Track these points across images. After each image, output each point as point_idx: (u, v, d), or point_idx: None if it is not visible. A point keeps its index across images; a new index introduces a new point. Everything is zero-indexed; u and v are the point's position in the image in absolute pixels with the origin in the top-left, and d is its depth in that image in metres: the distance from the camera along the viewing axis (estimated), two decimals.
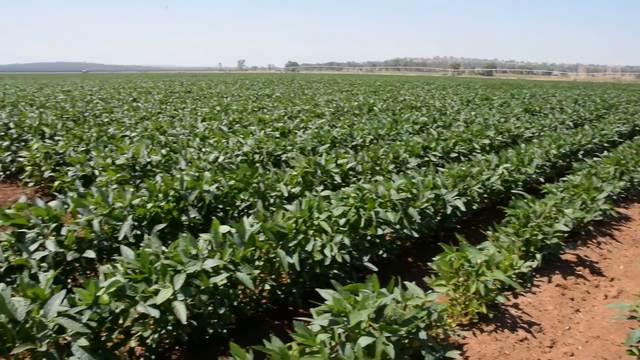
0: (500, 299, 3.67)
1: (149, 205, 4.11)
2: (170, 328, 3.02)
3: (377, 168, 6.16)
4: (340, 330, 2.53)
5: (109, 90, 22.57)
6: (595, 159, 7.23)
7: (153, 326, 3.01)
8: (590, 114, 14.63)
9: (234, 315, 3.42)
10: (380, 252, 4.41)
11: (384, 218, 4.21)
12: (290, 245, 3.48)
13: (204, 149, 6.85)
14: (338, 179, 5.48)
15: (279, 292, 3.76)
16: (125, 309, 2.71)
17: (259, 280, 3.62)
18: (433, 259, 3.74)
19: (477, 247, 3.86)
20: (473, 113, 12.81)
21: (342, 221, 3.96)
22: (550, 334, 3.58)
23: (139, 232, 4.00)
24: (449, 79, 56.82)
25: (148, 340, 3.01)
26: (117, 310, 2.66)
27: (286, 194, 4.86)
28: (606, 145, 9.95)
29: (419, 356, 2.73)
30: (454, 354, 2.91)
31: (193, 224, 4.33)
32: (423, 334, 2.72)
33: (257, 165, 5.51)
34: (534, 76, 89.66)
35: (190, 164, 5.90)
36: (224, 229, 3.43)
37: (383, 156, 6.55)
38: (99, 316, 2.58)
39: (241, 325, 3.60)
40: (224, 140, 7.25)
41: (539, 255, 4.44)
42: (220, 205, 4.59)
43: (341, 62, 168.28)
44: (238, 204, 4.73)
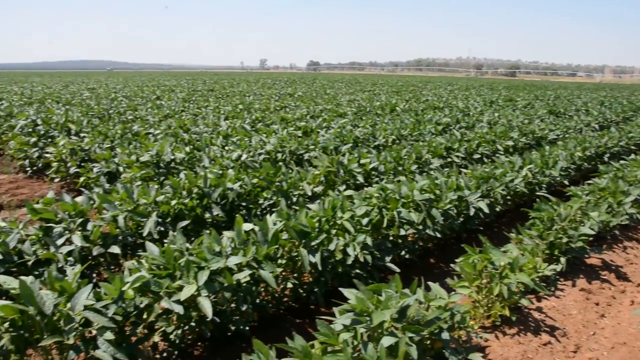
0: (523, 302, 3.63)
1: (173, 202, 4.15)
2: (193, 324, 3.05)
3: (400, 168, 6.14)
4: (362, 329, 2.52)
5: (132, 88, 22.83)
6: (622, 162, 7.10)
7: (176, 322, 3.03)
8: (617, 116, 14.39)
9: (256, 313, 3.44)
10: (402, 253, 4.39)
11: (407, 218, 4.19)
12: (312, 244, 3.49)
13: (226, 147, 6.89)
14: (360, 179, 5.47)
15: (301, 291, 3.77)
16: (150, 304, 2.73)
17: (281, 278, 3.64)
18: (456, 260, 3.72)
19: (501, 250, 3.83)
20: (496, 114, 12.70)
21: (365, 221, 3.95)
22: (574, 338, 3.53)
23: (163, 229, 4.04)
24: (471, 79, 56.36)
25: (171, 336, 3.04)
26: (142, 305, 2.69)
27: (309, 193, 4.86)
28: (633, 148, 9.79)
29: (441, 357, 2.71)
30: (476, 357, 2.89)
31: (216, 222, 4.36)
32: (446, 335, 2.71)
33: (280, 164, 5.52)
34: (559, 77, 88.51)
35: (213, 162, 5.94)
36: (247, 226, 3.45)
37: (406, 156, 6.52)
38: (124, 311, 2.61)
39: (263, 323, 3.61)
40: (246, 139, 7.28)
41: (563, 259, 4.38)
42: (243, 203, 4.61)
43: (363, 62, 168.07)
44: (261, 202, 4.75)
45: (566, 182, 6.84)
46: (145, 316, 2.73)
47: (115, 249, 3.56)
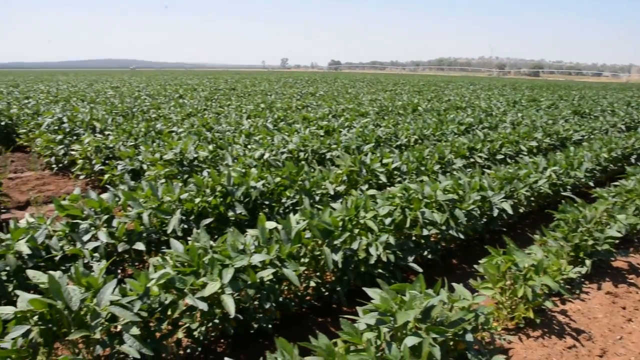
0: (547, 305, 3.58)
1: (197, 200, 4.18)
2: (216, 321, 3.07)
3: (422, 168, 6.11)
4: (385, 329, 2.52)
5: (155, 87, 23.04)
6: None
7: (200, 319, 3.06)
8: None
9: (278, 311, 3.45)
10: (425, 253, 4.37)
11: (430, 219, 4.17)
12: (335, 243, 3.49)
13: (249, 146, 6.93)
14: (383, 179, 5.46)
15: (323, 290, 3.78)
16: (174, 300, 2.76)
17: (303, 277, 3.65)
18: (479, 261, 3.69)
19: (524, 251, 3.79)
20: (520, 114, 12.55)
21: (388, 220, 3.94)
22: (600, 342, 3.48)
23: (187, 226, 4.07)
24: (494, 79, 55.82)
25: (195, 332, 3.07)
26: (167, 302, 2.72)
27: (332, 192, 4.87)
28: None
29: (464, 359, 2.69)
30: (499, 359, 2.86)
31: (239, 220, 4.38)
32: (470, 337, 2.69)
33: (302, 163, 5.53)
34: (583, 77, 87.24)
35: (236, 161, 5.97)
36: (271, 225, 3.46)
37: (428, 156, 6.49)
38: (149, 307, 2.64)
39: (285, 321, 3.62)
40: (269, 138, 7.31)
41: (588, 262, 4.32)
42: (266, 202, 4.63)
43: (384, 62, 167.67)
44: (283, 200, 4.77)
45: (591, 184, 6.74)
46: (169, 312, 2.75)
47: (140, 246, 3.60)
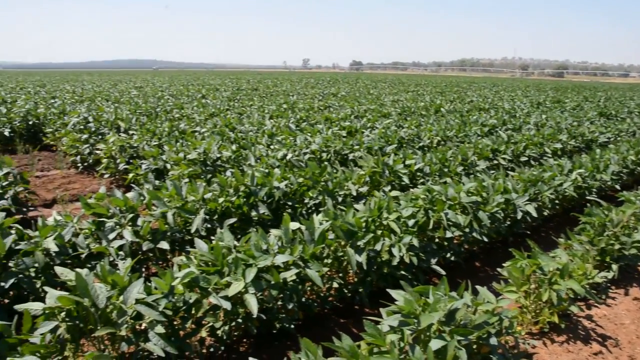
0: (573, 309, 3.54)
1: (220, 200, 4.20)
2: (240, 320, 3.09)
3: (445, 170, 6.07)
4: (408, 331, 2.50)
5: (178, 87, 23.24)
6: None
7: (223, 318, 3.07)
8: None
9: (301, 312, 3.45)
10: (448, 255, 4.34)
11: (454, 220, 4.14)
12: (359, 244, 3.48)
13: (272, 146, 6.95)
14: (406, 180, 5.43)
15: (346, 291, 3.77)
16: (199, 299, 2.78)
17: (326, 278, 3.65)
18: (503, 264, 3.66)
19: (549, 255, 3.74)
20: (544, 116, 12.42)
21: (411, 222, 3.92)
22: (627, 349, 3.41)
23: (210, 226, 4.10)
24: (517, 80, 55.28)
25: (218, 331, 3.08)
26: (191, 301, 2.74)
27: (354, 193, 4.86)
28: None
29: None
30: None
31: (262, 220, 4.40)
32: (494, 340, 2.66)
33: (325, 163, 5.53)
34: (609, 78, 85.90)
35: (259, 161, 5.99)
36: (294, 225, 3.47)
37: (451, 158, 6.45)
38: (174, 305, 2.66)
39: (308, 322, 3.63)
40: (291, 138, 7.32)
41: (615, 266, 4.25)
42: (289, 202, 4.64)
43: (406, 62, 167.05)
44: (306, 201, 4.77)
45: (618, 187, 6.64)
46: (193, 311, 2.77)
47: (164, 245, 3.63)
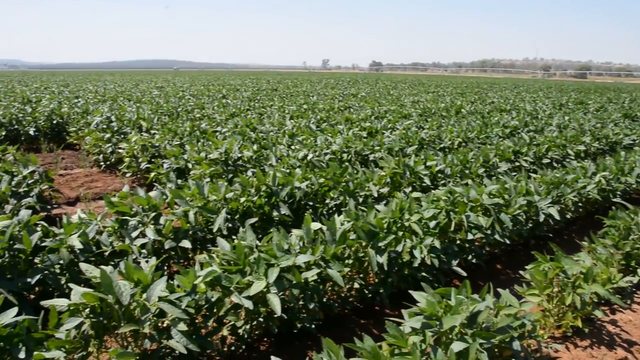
0: (597, 314, 3.48)
1: (242, 200, 4.23)
2: (261, 320, 3.10)
3: (467, 171, 6.03)
4: (429, 333, 2.49)
5: (199, 87, 23.40)
6: None
7: (245, 317, 3.09)
8: None
9: (322, 312, 3.45)
10: (469, 257, 4.31)
11: (475, 222, 4.11)
12: (380, 244, 3.47)
13: (292, 147, 6.96)
14: (427, 181, 5.40)
15: (366, 292, 3.76)
16: (220, 298, 2.79)
17: (347, 278, 3.64)
18: (526, 267, 3.62)
19: (572, 258, 3.69)
20: (567, 117, 12.27)
21: (433, 224, 3.90)
22: None
23: (231, 225, 4.12)
24: (538, 81, 54.68)
25: (239, 330, 3.10)
26: (213, 299, 2.75)
27: (376, 194, 4.85)
28: None
29: None
30: None
31: (283, 220, 4.41)
32: (517, 344, 2.63)
33: (346, 164, 5.53)
34: (634, 79, 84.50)
35: (280, 161, 6.01)
36: (315, 225, 3.47)
37: (473, 159, 6.40)
38: (196, 303, 2.68)
39: (328, 322, 3.62)
40: (312, 139, 7.33)
41: None
42: (310, 203, 4.65)
43: (426, 63, 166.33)
44: (327, 202, 4.77)
45: None
46: (215, 310, 2.79)
47: (186, 243, 3.66)
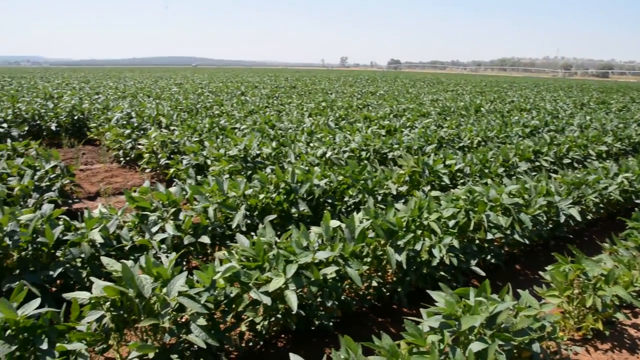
0: (618, 317, 3.43)
1: (261, 196, 4.24)
2: (279, 316, 3.11)
3: (486, 171, 5.98)
4: (448, 333, 2.48)
5: (217, 84, 23.50)
6: None
7: (263, 313, 3.10)
8: None
9: (339, 309, 3.45)
10: (488, 257, 4.28)
11: (495, 222, 4.08)
12: (399, 243, 3.46)
13: (311, 144, 6.96)
14: (446, 180, 5.37)
15: (384, 290, 3.75)
16: (239, 294, 2.81)
17: (365, 276, 3.64)
18: (546, 268, 3.58)
19: (593, 260, 3.64)
20: (588, 117, 12.10)
21: (452, 223, 3.88)
22: None
23: (250, 222, 4.14)
24: (559, 80, 54.05)
25: (257, 326, 3.11)
26: (232, 295, 2.77)
27: (394, 192, 4.83)
28: None
29: None
30: None
31: (301, 217, 4.41)
32: (536, 346, 2.61)
33: (365, 162, 5.52)
34: None
35: (298, 158, 6.01)
36: (334, 223, 3.47)
37: (492, 159, 6.35)
38: (215, 299, 2.69)
39: (346, 320, 3.62)
40: (330, 136, 7.32)
41: None
42: (329, 200, 4.65)
43: (444, 61, 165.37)
44: (346, 199, 4.77)
45: None
46: (234, 305, 2.80)
47: (205, 239, 3.68)
